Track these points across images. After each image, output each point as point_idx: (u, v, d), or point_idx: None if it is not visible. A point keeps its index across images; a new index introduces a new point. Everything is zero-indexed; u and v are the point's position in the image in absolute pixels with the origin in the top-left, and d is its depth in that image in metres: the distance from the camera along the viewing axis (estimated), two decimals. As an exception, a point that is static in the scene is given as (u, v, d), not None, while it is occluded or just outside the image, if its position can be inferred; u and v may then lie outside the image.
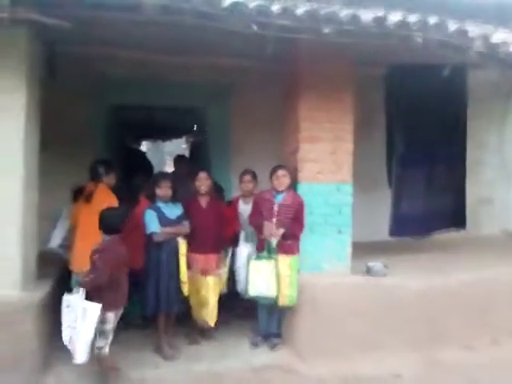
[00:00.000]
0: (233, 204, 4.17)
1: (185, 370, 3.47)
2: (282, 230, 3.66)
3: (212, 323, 3.74)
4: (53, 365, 3.34)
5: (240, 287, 3.93)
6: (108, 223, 3.16)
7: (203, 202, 3.92)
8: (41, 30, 3.23)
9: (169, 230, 3.66)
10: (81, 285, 3.05)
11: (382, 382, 3.60)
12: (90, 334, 2.96)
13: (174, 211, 3.77)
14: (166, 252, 3.64)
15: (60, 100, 4.31)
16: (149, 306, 3.61)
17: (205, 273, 3.77)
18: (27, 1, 2.71)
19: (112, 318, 3.11)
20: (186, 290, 3.61)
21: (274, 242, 3.64)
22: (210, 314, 3.72)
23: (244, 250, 3.96)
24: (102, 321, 3.05)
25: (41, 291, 3.38)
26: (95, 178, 3.85)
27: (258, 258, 3.66)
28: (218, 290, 3.80)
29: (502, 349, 4.02)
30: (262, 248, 3.69)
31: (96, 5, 2.79)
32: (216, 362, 3.58)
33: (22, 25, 3.03)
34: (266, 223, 3.67)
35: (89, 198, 3.73)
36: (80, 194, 3.84)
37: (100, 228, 3.17)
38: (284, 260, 3.65)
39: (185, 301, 3.73)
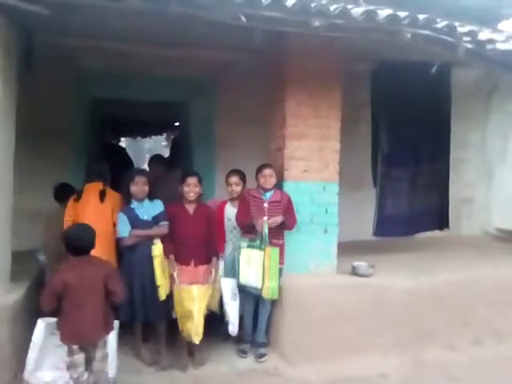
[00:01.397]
0: (219, 210, 3.80)
1: (168, 375, 3.35)
2: (280, 217, 3.54)
3: (197, 340, 3.29)
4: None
5: (230, 328, 3.57)
6: (78, 243, 2.68)
7: (190, 208, 3.59)
8: (18, 17, 3.07)
9: (139, 232, 3.39)
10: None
11: (368, 382, 3.56)
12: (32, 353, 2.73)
13: (149, 211, 3.47)
14: (138, 256, 3.38)
15: (37, 93, 4.14)
16: (122, 314, 3.30)
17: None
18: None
19: (65, 349, 2.66)
20: (162, 294, 3.34)
21: (267, 229, 3.46)
22: (194, 328, 3.29)
23: (228, 282, 3.62)
24: (67, 351, 2.66)
25: (15, 293, 3.20)
26: (101, 177, 3.70)
27: (250, 246, 3.50)
28: (204, 302, 3.37)
29: (483, 348, 4.04)
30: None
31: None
32: (200, 367, 3.46)
33: (-1, 13, 2.87)
34: (259, 222, 3.49)
35: (102, 198, 3.57)
36: (70, 193, 3.66)
37: (66, 249, 2.70)
38: (268, 251, 3.48)
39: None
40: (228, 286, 3.59)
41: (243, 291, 3.61)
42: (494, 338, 4.13)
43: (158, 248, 3.37)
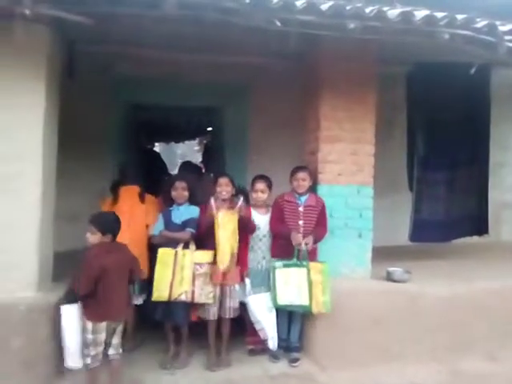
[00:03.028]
0: None
1: (201, 376, 3.38)
2: (311, 238, 3.49)
3: (221, 266, 3.35)
4: (68, 369, 3.23)
5: (270, 345, 3.57)
6: (114, 227, 2.99)
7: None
8: (61, 27, 3.21)
9: (164, 233, 3.52)
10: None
11: (403, 392, 3.49)
12: (69, 338, 2.87)
13: (182, 215, 3.58)
14: None
15: (78, 99, 4.29)
16: (156, 313, 3.49)
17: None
18: (48, -3, 2.66)
19: (90, 327, 2.86)
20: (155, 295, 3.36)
21: (305, 248, 3.44)
22: (220, 256, 3.35)
23: (258, 298, 3.53)
24: (83, 329, 2.88)
25: (57, 292, 3.31)
26: (136, 180, 3.83)
27: (287, 265, 3.44)
28: (229, 231, 3.36)
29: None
30: (287, 255, 3.49)
31: (116, 1, 2.73)
32: (233, 369, 3.48)
33: (43, 22, 2.99)
34: (293, 234, 3.46)
35: (142, 199, 3.73)
36: (116, 197, 3.77)
37: (99, 228, 2.94)
38: (315, 266, 3.47)
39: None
40: (259, 302, 3.53)
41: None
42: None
43: (185, 254, 3.43)
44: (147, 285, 3.56)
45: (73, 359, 2.93)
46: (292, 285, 3.42)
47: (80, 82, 4.09)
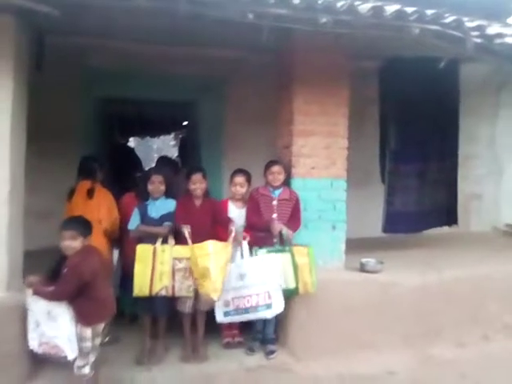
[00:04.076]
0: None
1: (177, 371, 3.37)
2: (286, 229, 3.55)
3: (215, 296, 3.21)
4: (41, 369, 3.20)
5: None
6: (84, 225, 2.92)
7: (197, 202, 3.64)
8: (28, 17, 3.11)
9: (142, 227, 3.52)
10: (36, 292, 2.81)
11: (377, 379, 3.57)
12: (64, 334, 2.78)
13: (159, 209, 3.58)
14: None
15: (46, 93, 4.17)
16: (136, 306, 3.53)
17: None
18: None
19: (89, 334, 2.81)
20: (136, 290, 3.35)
21: (285, 233, 3.50)
22: (212, 285, 3.21)
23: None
24: (79, 338, 2.79)
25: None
26: (90, 174, 3.75)
27: (270, 251, 3.45)
28: (223, 260, 3.26)
29: (492, 344, 4.04)
30: (260, 245, 3.51)
31: (85, -9, 2.68)
32: (209, 363, 3.49)
33: (9, 12, 2.90)
34: (273, 223, 3.51)
35: (91, 195, 3.65)
36: (72, 192, 3.73)
37: (80, 232, 2.87)
38: (300, 250, 3.51)
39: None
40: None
41: None
42: (504, 334, 4.13)
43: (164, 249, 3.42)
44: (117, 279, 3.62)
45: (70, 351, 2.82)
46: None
47: (49, 74, 3.97)
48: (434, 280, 4.01)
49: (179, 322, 3.59)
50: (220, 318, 3.43)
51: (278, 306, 3.39)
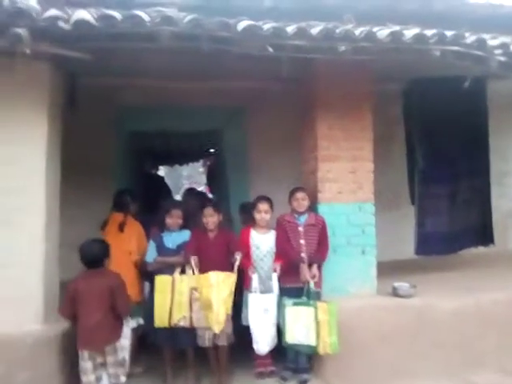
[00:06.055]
0: (241, 235, 3.78)
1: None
2: (316, 270, 3.54)
3: (217, 329, 3.31)
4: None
5: (255, 347, 3.53)
6: (87, 256, 3.04)
7: (211, 234, 3.68)
8: (61, 62, 3.31)
9: (159, 259, 3.58)
10: None
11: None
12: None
13: (175, 240, 3.64)
14: None
15: (81, 131, 4.38)
16: (150, 337, 3.55)
17: None
18: (48, 35, 2.74)
19: (85, 355, 2.95)
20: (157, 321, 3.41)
21: (312, 284, 3.46)
22: (215, 317, 3.29)
23: (257, 299, 3.50)
24: (80, 357, 2.98)
25: (63, 323, 3.31)
26: (123, 207, 3.87)
27: (296, 303, 3.44)
28: (225, 291, 3.34)
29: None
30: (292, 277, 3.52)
31: (113, 35, 2.82)
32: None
33: (44, 58, 3.09)
34: (302, 267, 3.51)
35: (122, 228, 3.76)
36: (105, 224, 3.86)
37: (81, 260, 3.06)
38: (322, 306, 3.42)
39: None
40: (257, 301, 3.48)
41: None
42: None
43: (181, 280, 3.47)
44: (141, 309, 3.66)
45: None
46: (300, 324, 3.40)
47: (82, 112, 4.17)
48: (471, 303, 3.87)
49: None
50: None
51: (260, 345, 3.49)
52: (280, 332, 3.52)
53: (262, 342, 3.49)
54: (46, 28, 2.70)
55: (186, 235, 3.69)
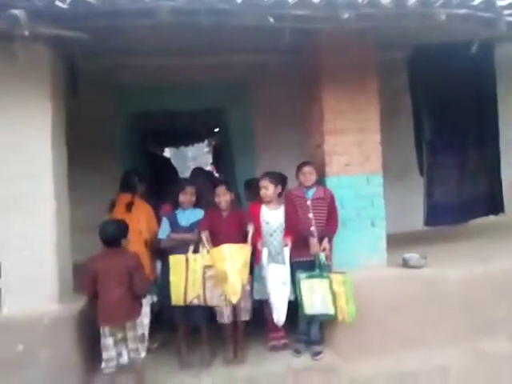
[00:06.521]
0: (251, 210, 3.76)
1: (224, 374, 3.42)
2: (327, 243, 3.55)
3: (234, 299, 3.35)
4: (96, 378, 3.31)
5: (275, 317, 3.53)
6: (105, 235, 3.09)
7: (224, 213, 3.68)
8: (60, 44, 3.27)
9: (174, 235, 3.59)
10: None
11: (428, 376, 3.50)
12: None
13: (189, 218, 3.65)
14: None
15: (84, 113, 4.36)
16: (173, 315, 3.57)
17: None
18: (46, 15, 2.71)
19: (106, 331, 3.03)
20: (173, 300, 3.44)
21: (323, 257, 3.48)
22: (231, 288, 3.33)
23: (276, 270, 3.50)
24: (101, 333, 3.05)
25: (79, 303, 3.40)
26: (130, 188, 3.89)
27: (310, 276, 3.47)
28: (239, 262, 3.36)
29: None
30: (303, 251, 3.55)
31: (112, 13, 2.77)
32: (256, 366, 3.51)
33: (43, 41, 3.05)
34: (311, 241, 3.54)
35: (129, 208, 3.77)
36: (113, 205, 3.88)
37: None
38: (336, 278, 3.47)
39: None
40: (276, 273, 3.49)
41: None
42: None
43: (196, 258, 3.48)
44: (154, 287, 3.70)
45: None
46: (317, 294, 3.46)
47: (84, 95, 4.15)
48: (481, 272, 3.86)
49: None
50: None
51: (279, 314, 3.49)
52: (294, 305, 3.55)
53: (282, 311, 3.51)
54: (44, 8, 2.67)
55: (199, 214, 3.69)
